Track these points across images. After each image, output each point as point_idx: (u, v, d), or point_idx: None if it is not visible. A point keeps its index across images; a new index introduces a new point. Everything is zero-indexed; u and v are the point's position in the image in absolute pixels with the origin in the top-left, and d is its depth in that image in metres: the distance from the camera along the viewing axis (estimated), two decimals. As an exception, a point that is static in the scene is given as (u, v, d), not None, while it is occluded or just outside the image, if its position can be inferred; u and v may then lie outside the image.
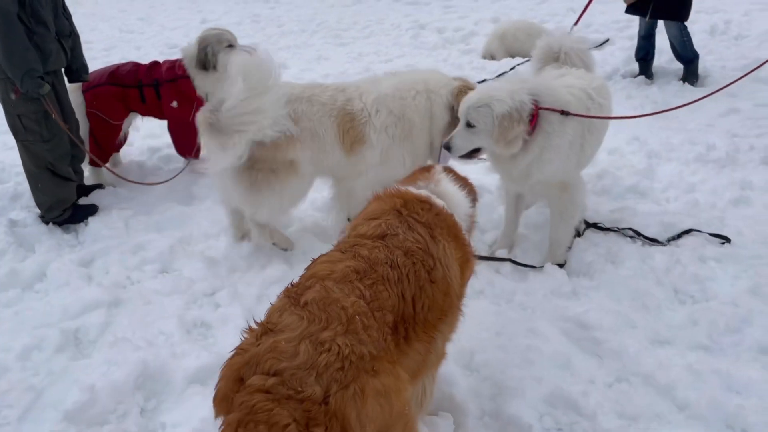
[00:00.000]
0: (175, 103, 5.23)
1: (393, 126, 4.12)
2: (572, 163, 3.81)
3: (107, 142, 5.30)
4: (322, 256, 2.22)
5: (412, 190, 2.49)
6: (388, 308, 2.02)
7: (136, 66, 5.32)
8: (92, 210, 4.85)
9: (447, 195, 2.57)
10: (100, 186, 5.28)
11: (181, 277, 4.08)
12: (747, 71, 7.30)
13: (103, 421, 2.91)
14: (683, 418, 2.76)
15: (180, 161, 5.70)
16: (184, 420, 2.91)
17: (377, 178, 4.13)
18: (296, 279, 2.15)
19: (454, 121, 3.99)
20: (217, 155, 3.75)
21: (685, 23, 7.29)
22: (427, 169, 2.78)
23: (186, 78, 5.22)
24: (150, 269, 4.18)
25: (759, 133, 5.81)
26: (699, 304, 3.52)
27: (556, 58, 4.34)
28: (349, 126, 4.05)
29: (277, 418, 1.61)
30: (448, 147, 3.67)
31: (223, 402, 1.77)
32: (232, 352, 1.91)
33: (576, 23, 6.98)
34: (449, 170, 2.81)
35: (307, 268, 2.16)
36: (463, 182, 2.77)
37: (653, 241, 4.13)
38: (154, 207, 4.96)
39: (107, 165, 5.29)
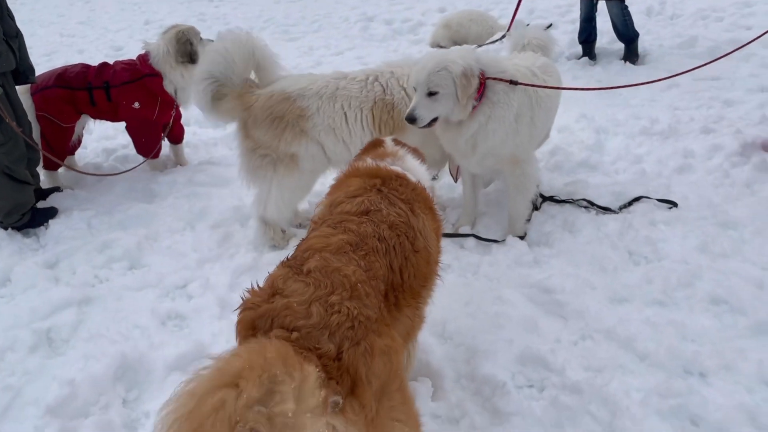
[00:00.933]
0: (137, 104, 5.17)
1: None
2: (524, 137, 3.87)
3: (60, 145, 5.20)
4: (315, 230, 2.28)
5: (388, 166, 2.58)
6: (380, 277, 2.11)
7: (85, 68, 5.25)
8: (52, 213, 4.79)
9: (414, 170, 2.70)
10: (57, 189, 5.20)
11: (151, 272, 4.09)
12: (685, 48, 7.69)
13: (86, 413, 2.92)
14: (645, 367, 2.95)
15: (138, 160, 5.65)
16: (167, 406, 2.95)
17: None
18: (290, 254, 2.21)
19: None
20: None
21: (626, 3, 7.57)
22: (380, 143, 2.89)
23: (153, 76, 5.19)
24: (118, 266, 4.17)
25: (698, 105, 6.12)
26: (652, 263, 3.74)
27: (522, 47, 4.57)
28: (388, 117, 4.02)
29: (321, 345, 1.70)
30: (412, 119, 3.63)
31: (246, 328, 1.83)
32: (239, 310, 1.92)
33: (515, 13, 7.24)
34: (399, 142, 2.92)
35: (301, 243, 2.23)
36: (417, 153, 2.89)
37: (606, 209, 4.34)
38: (115, 206, 4.92)
39: (66, 163, 5.21)
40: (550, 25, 9.48)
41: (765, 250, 3.73)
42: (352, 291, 1.92)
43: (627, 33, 7.68)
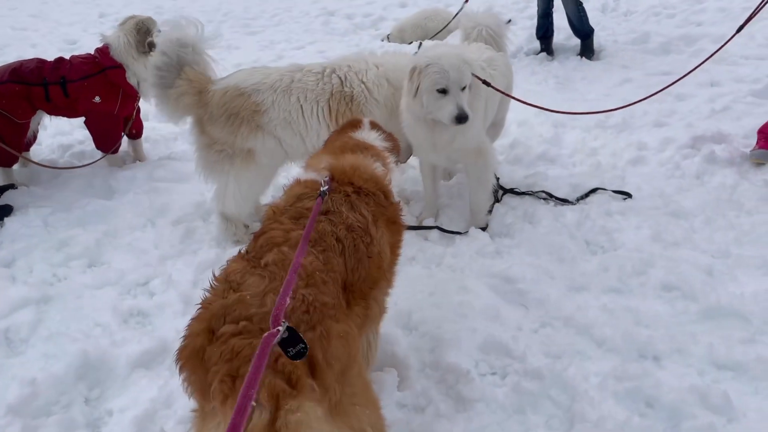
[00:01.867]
0: (98, 98, 5.07)
1: (392, 98, 4.12)
2: (481, 127, 4.08)
3: (14, 141, 5.06)
4: (273, 222, 2.28)
5: (372, 176, 2.56)
6: (338, 272, 2.15)
7: (40, 63, 5.11)
8: (7, 210, 4.67)
9: (392, 172, 2.73)
10: (12, 186, 5.05)
11: (111, 270, 4.03)
12: (638, 44, 7.89)
13: (47, 412, 2.87)
14: (602, 352, 3.06)
15: (95, 156, 5.54)
16: (131, 404, 2.93)
17: None
18: (245, 246, 2.23)
19: None
20: None
21: (582, 0, 7.72)
22: (358, 125, 2.91)
23: (115, 68, 5.11)
24: (77, 264, 4.09)
25: (650, 99, 6.27)
26: (608, 252, 3.86)
27: (474, 38, 4.63)
28: (346, 108, 4.01)
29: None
30: (464, 118, 3.58)
31: (192, 356, 1.78)
32: (197, 307, 1.94)
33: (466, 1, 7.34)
34: (376, 125, 2.94)
35: (258, 234, 2.23)
36: (392, 139, 2.92)
37: (564, 201, 4.45)
38: (73, 203, 4.82)
39: (24, 156, 5.09)
40: (509, 21, 9.62)
41: (714, 238, 3.88)
42: (308, 279, 1.95)
43: (582, 29, 7.85)
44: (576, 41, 8.15)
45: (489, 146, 4.19)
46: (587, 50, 7.87)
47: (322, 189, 2.37)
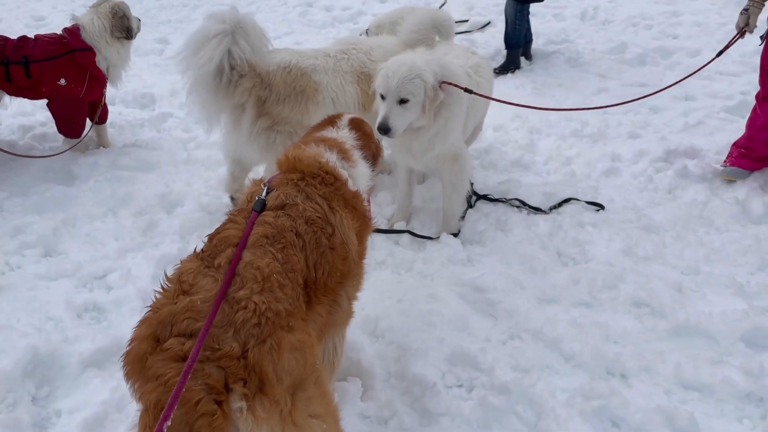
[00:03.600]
0: (63, 81, 4.85)
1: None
2: (459, 134, 4.01)
3: (-28, 119, 4.86)
4: (228, 222, 2.21)
5: (314, 160, 2.48)
6: (298, 271, 2.08)
7: (2, 41, 4.86)
8: (-41, 193, 4.46)
9: (355, 170, 2.61)
10: (-34, 167, 4.84)
11: (68, 260, 3.86)
12: (616, 54, 7.92)
13: (-10, 412, 2.73)
14: (570, 368, 3.02)
15: (57, 140, 5.34)
16: (81, 405, 2.81)
17: None
18: (201, 245, 2.15)
19: None
20: None
21: (525, 6, 7.51)
22: (335, 121, 2.83)
23: (85, 50, 4.90)
24: (31, 253, 3.91)
25: (625, 110, 6.29)
26: (579, 265, 3.83)
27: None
28: (368, 87, 4.16)
29: (189, 395, 1.61)
30: (386, 129, 3.49)
31: (135, 362, 1.74)
32: (146, 310, 1.89)
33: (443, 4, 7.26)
34: (357, 124, 2.84)
35: (213, 234, 2.16)
36: (367, 141, 2.81)
37: (537, 210, 4.41)
38: (30, 188, 4.62)
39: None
40: (488, 22, 9.58)
41: (684, 254, 3.88)
42: (263, 284, 1.89)
43: (512, 37, 7.64)
44: (556, 46, 8.15)
45: (466, 153, 4.14)
46: (510, 63, 7.67)
47: (258, 198, 2.28)
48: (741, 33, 4.65)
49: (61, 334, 3.19)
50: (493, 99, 4.22)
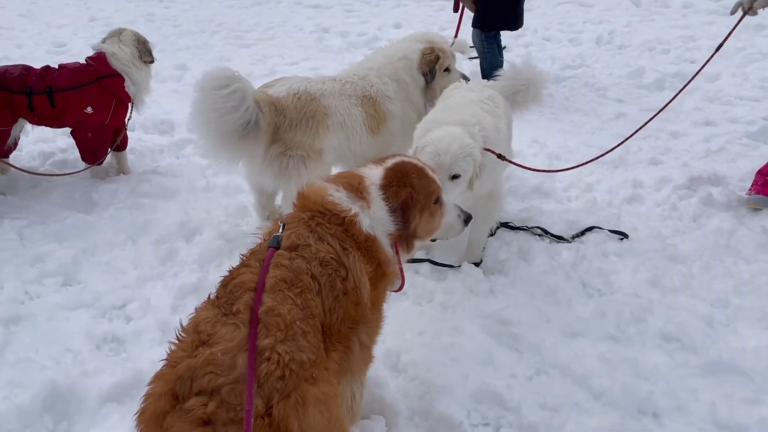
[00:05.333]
0: (89, 109, 4.89)
1: (398, 91, 4.52)
2: (502, 172, 4.03)
3: (-6, 147, 4.89)
4: (242, 266, 2.14)
5: (319, 196, 2.38)
6: (317, 316, 2.01)
7: (26, 70, 4.91)
8: (-20, 220, 4.47)
9: (368, 210, 2.42)
10: (-13, 194, 4.86)
11: (87, 290, 3.83)
12: (633, 78, 7.89)
13: (9, 448, 2.69)
14: (599, 406, 2.93)
15: (77, 166, 5.35)
16: (100, 441, 2.75)
17: (401, 147, 4.51)
18: (214, 291, 2.08)
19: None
20: None
21: (490, 34, 7.41)
22: (385, 158, 2.62)
23: (115, 76, 4.98)
24: (51, 282, 3.89)
25: (645, 135, 6.22)
26: (605, 296, 3.75)
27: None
28: (373, 109, 4.38)
29: None
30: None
31: (152, 421, 1.67)
32: (162, 364, 1.83)
33: (456, 35, 7.24)
34: (398, 167, 2.55)
35: (227, 279, 2.09)
36: (397, 186, 2.48)
37: (559, 238, 4.35)
38: (51, 216, 4.61)
39: (4, 161, 4.89)
40: (504, 47, 9.60)
41: (713, 286, 3.80)
42: (286, 332, 1.82)
43: (483, 67, 7.52)
44: (573, 71, 8.13)
45: (503, 189, 4.16)
46: None
47: (275, 235, 2.22)
48: (744, 14, 4.57)
49: (80, 367, 3.15)
50: (514, 164, 4.06)
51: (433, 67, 4.65)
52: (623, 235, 4.36)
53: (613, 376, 3.05)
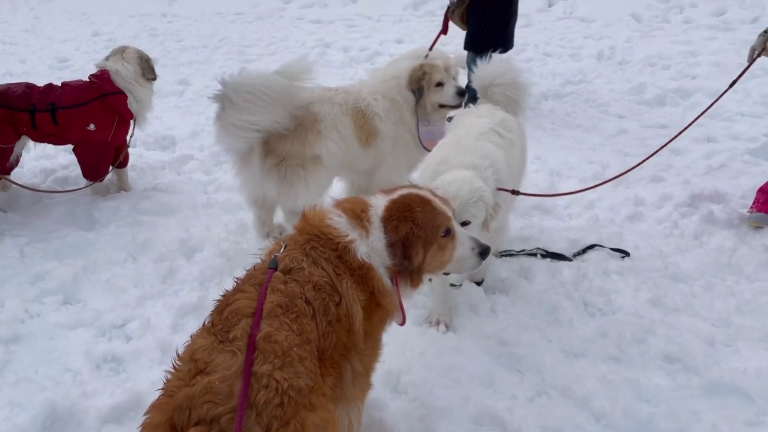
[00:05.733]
0: (92, 126, 4.92)
1: (390, 110, 4.47)
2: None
3: (-4, 164, 4.91)
4: (237, 292, 2.11)
5: (318, 220, 2.35)
6: (313, 341, 2.00)
7: (28, 88, 4.94)
8: (-19, 238, 4.47)
9: (366, 240, 2.37)
10: (-12, 211, 4.88)
11: (87, 309, 3.83)
12: (634, 94, 7.90)
13: (6, 470, 2.67)
14: (601, 428, 2.90)
15: (79, 183, 5.37)
16: (99, 464, 2.74)
17: (393, 166, 4.64)
18: (208, 317, 2.07)
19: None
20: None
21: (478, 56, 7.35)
22: (396, 188, 2.58)
23: (117, 94, 5.01)
24: (51, 301, 3.89)
25: (647, 152, 6.15)
26: (606, 316, 3.73)
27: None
28: (362, 122, 4.35)
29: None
30: None
31: None
32: (158, 393, 1.82)
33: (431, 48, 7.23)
34: (404, 199, 2.48)
35: (222, 305, 2.07)
36: (397, 219, 2.40)
37: (560, 257, 4.33)
38: (51, 233, 4.63)
39: (6, 177, 4.91)
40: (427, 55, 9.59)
41: (714, 305, 3.77)
42: (284, 358, 1.81)
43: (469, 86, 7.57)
44: (574, 87, 8.17)
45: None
46: None
47: (275, 255, 2.21)
48: (757, 56, 4.53)
49: (80, 388, 3.13)
50: (531, 195, 4.14)
51: (420, 83, 4.55)
52: (625, 254, 4.35)
53: (615, 398, 3.03)
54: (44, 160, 5.92)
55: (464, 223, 3.26)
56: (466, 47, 7.24)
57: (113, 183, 5.43)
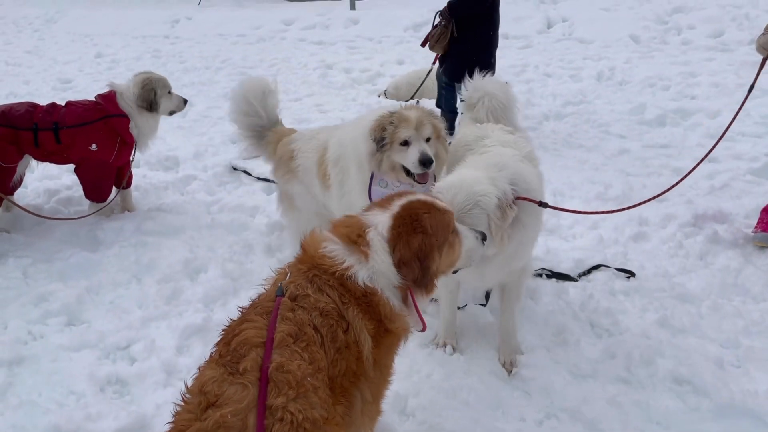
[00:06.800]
0: (94, 146, 4.94)
1: (341, 158, 3.98)
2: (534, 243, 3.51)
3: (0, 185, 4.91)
4: (243, 321, 2.06)
5: (313, 248, 2.30)
6: (323, 369, 1.96)
7: (31, 107, 4.97)
8: (-15, 259, 4.46)
9: (368, 263, 2.27)
10: (-8, 232, 4.87)
11: (91, 330, 3.81)
12: (635, 114, 7.94)
13: (10, 496, 2.63)
14: (612, 451, 2.88)
15: (82, 204, 5.37)
16: (103, 489, 2.70)
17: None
18: (215, 349, 2.02)
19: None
20: None
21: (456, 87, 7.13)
22: (393, 200, 2.45)
23: (120, 116, 5.01)
24: (55, 322, 3.87)
25: (649, 172, 6.28)
26: (614, 337, 3.70)
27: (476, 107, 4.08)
28: (321, 161, 4.14)
29: None
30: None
31: None
32: (168, 426, 1.78)
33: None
34: (407, 211, 2.37)
35: (229, 335, 2.01)
36: (403, 236, 2.30)
37: (566, 277, 4.32)
38: (55, 254, 4.62)
39: (9, 198, 4.89)
40: (506, 83, 9.69)
41: (722, 326, 3.76)
42: (298, 389, 1.77)
43: (440, 106, 7.48)
44: (574, 108, 8.22)
45: (531, 259, 3.68)
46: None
47: (280, 283, 2.16)
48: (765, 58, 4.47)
49: (84, 411, 3.10)
50: (560, 209, 3.63)
51: (383, 134, 3.63)
52: (630, 274, 4.34)
53: (625, 421, 3.00)
54: (47, 181, 5.93)
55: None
56: (445, 74, 7.29)
57: (117, 204, 5.42)
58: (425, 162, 3.54)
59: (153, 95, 5.14)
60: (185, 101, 5.57)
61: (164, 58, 12.31)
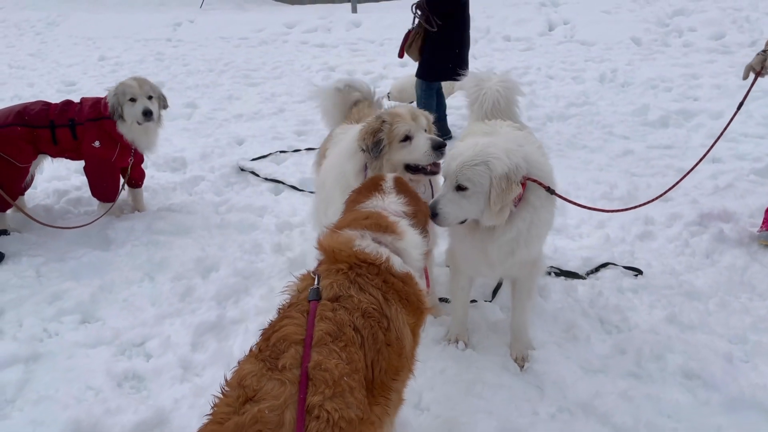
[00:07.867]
0: (97, 143, 4.97)
1: (329, 169, 3.91)
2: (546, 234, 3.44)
3: (13, 185, 4.93)
4: (284, 318, 2.08)
5: (348, 249, 2.32)
6: (361, 370, 1.97)
7: (46, 105, 5.02)
8: (-2, 258, 4.50)
9: (404, 250, 2.42)
10: (4, 232, 4.90)
11: (106, 327, 3.85)
12: (638, 116, 8.00)
13: (34, 489, 2.67)
14: (624, 444, 2.92)
15: (92, 204, 5.42)
16: (125, 481, 2.74)
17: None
18: (255, 344, 2.03)
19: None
20: None
21: (432, 84, 7.40)
22: (376, 187, 2.66)
23: (110, 119, 5.00)
24: (69, 320, 3.90)
25: (653, 172, 6.34)
26: (623, 333, 3.75)
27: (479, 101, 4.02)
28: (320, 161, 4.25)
29: None
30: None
31: None
32: (206, 420, 1.79)
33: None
34: (402, 186, 2.69)
35: (269, 331, 2.04)
36: (415, 204, 2.62)
37: (574, 275, 4.36)
38: (67, 253, 4.65)
39: (18, 204, 4.91)
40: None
41: (730, 322, 3.80)
42: (335, 388, 1.79)
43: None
44: (577, 109, 8.27)
45: (543, 254, 3.61)
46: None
47: (312, 288, 2.18)
48: (757, 75, 4.58)
49: (103, 405, 3.14)
50: (569, 201, 3.62)
51: (378, 138, 3.39)
52: (638, 272, 4.39)
53: (636, 414, 3.04)
54: (57, 182, 5.97)
55: (460, 188, 2.95)
56: (418, 75, 7.43)
57: (127, 204, 5.47)
58: (440, 145, 3.32)
59: (117, 105, 4.94)
60: (146, 113, 4.96)
61: (167, 61, 12.35)
